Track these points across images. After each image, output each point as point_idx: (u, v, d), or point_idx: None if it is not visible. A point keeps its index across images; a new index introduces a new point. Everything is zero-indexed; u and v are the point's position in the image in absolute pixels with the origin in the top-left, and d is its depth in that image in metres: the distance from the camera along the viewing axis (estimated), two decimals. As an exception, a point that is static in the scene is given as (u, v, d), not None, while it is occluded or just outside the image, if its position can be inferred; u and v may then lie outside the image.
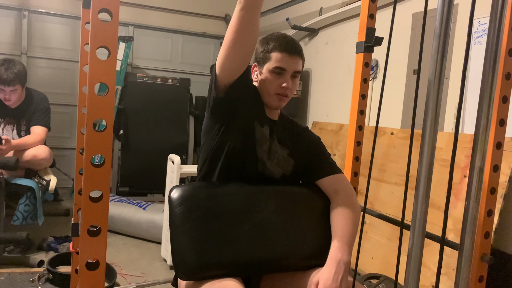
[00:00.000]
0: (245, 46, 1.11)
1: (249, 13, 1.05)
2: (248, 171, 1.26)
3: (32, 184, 2.58)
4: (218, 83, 1.17)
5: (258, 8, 1.07)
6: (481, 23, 2.19)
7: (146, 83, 4.27)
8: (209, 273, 1.12)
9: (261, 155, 1.26)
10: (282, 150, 1.31)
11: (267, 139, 1.28)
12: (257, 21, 1.09)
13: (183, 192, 1.18)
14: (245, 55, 1.13)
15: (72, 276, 1.52)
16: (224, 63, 1.13)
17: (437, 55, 0.61)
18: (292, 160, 1.33)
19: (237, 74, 1.15)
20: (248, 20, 1.06)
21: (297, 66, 1.29)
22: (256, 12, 1.07)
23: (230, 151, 1.22)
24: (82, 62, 1.42)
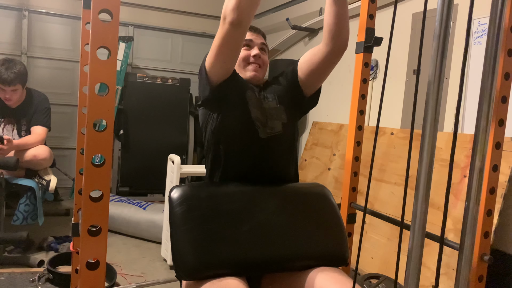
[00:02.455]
0: (237, 50, 1.20)
1: (241, 27, 1.13)
2: (252, 138, 1.28)
3: (32, 184, 2.58)
4: (210, 81, 1.25)
5: (251, 18, 1.15)
6: (481, 23, 2.19)
7: (146, 83, 4.27)
8: (210, 272, 1.12)
9: (256, 115, 1.30)
10: (272, 103, 1.37)
11: (257, 100, 1.33)
12: (247, 27, 1.17)
13: (183, 192, 1.18)
14: (235, 58, 1.22)
15: (72, 276, 1.53)
16: (217, 67, 1.22)
17: (437, 55, 0.61)
18: (281, 106, 1.37)
19: (229, 73, 1.24)
20: (240, 28, 1.13)
21: (261, 39, 1.42)
22: (249, 21, 1.15)
23: (231, 125, 1.28)
24: (82, 62, 1.42)
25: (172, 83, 4.36)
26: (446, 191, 0.67)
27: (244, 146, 1.29)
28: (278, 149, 1.33)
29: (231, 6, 1.10)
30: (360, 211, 1.58)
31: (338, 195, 2.87)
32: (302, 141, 3.95)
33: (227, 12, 1.12)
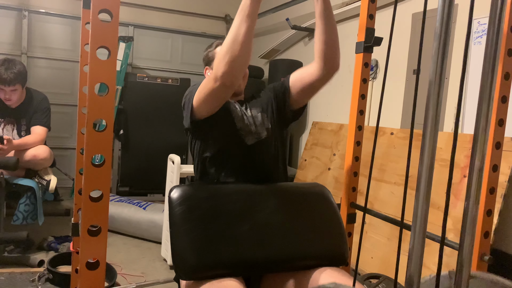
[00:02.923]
0: (225, 99, 1.27)
1: (235, 73, 1.16)
2: (239, 147, 1.34)
3: (32, 184, 2.58)
4: (194, 116, 1.31)
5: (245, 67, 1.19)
6: (481, 23, 2.19)
7: (146, 83, 4.27)
8: (209, 273, 1.12)
9: (241, 126, 1.36)
10: (254, 111, 1.42)
11: (239, 112, 1.39)
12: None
13: (183, 192, 1.18)
14: (223, 102, 1.28)
15: (72, 276, 1.53)
16: (205, 110, 1.28)
17: (438, 55, 0.61)
18: (264, 114, 1.42)
19: (217, 109, 1.29)
20: (236, 70, 1.16)
21: None
22: (243, 69, 1.19)
23: (217, 141, 1.34)
24: (82, 62, 1.42)
25: (172, 83, 4.36)
26: (446, 191, 0.67)
27: (232, 155, 1.34)
28: (266, 153, 1.37)
29: (223, 71, 1.14)
30: (360, 211, 1.58)
31: (338, 195, 2.87)
32: (302, 141, 3.95)
33: (218, 75, 1.15)
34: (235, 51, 1.11)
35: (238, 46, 1.11)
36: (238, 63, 1.13)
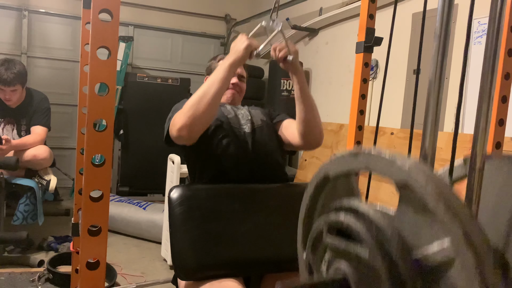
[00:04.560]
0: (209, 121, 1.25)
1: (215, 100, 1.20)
2: (237, 136, 1.35)
3: (32, 184, 2.58)
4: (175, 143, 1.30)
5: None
6: (481, 23, 2.19)
7: (146, 83, 4.27)
8: (209, 273, 1.12)
9: (232, 119, 1.38)
10: (250, 107, 1.50)
11: (232, 110, 1.43)
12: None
13: (183, 192, 1.18)
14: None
15: (72, 276, 1.52)
16: (188, 136, 1.24)
17: (438, 55, 0.61)
18: (258, 111, 1.49)
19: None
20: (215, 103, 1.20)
21: (242, 71, 1.51)
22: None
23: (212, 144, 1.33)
24: (82, 62, 1.42)
25: (172, 83, 4.36)
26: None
27: (230, 144, 1.33)
28: (265, 138, 1.39)
29: (183, 123, 1.17)
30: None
31: (338, 195, 2.86)
32: (302, 141, 3.95)
33: (177, 127, 1.18)
34: (199, 108, 1.16)
35: (203, 105, 1.16)
36: (199, 120, 1.17)
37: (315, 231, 0.58)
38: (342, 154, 0.54)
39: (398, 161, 0.45)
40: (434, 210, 0.41)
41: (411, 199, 0.46)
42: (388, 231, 0.46)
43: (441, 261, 0.42)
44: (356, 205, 0.52)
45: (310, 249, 0.60)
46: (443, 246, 0.42)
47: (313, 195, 0.63)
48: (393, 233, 0.46)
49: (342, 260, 0.52)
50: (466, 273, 0.39)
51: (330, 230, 0.54)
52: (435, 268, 0.43)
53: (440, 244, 0.42)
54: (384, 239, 0.46)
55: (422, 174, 0.42)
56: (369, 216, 0.49)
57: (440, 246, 0.42)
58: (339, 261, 0.52)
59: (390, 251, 0.45)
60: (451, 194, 0.41)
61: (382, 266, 0.45)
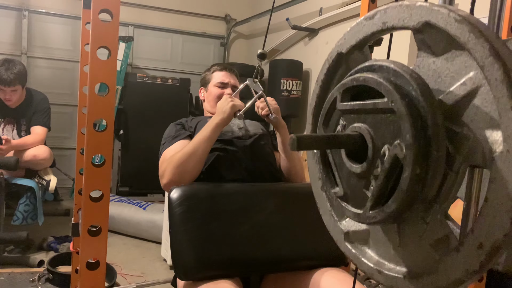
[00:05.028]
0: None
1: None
2: (233, 145, 1.38)
3: (32, 184, 2.58)
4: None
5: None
6: (481, 23, 2.19)
7: (146, 83, 4.27)
8: (209, 273, 1.12)
9: (227, 128, 1.42)
10: (248, 121, 1.54)
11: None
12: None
13: (183, 193, 1.18)
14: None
15: (72, 276, 1.52)
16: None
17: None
18: (257, 121, 1.55)
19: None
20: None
21: (235, 82, 1.57)
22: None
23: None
24: (82, 62, 1.42)
25: (172, 83, 4.36)
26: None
27: (227, 153, 1.36)
28: (260, 144, 1.44)
29: (170, 179, 1.25)
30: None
31: (338, 195, 2.86)
32: (302, 141, 3.94)
33: (164, 182, 1.27)
34: (187, 166, 1.22)
35: (191, 163, 1.22)
36: (185, 176, 1.24)
37: (328, 102, 0.53)
38: (355, 23, 0.52)
39: (417, 3, 0.44)
40: (458, 34, 0.39)
41: (432, 40, 0.44)
42: (407, 75, 0.44)
43: (464, 93, 0.41)
44: (371, 62, 0.49)
45: (322, 123, 0.55)
46: (467, 77, 0.40)
47: (324, 80, 0.58)
48: (412, 75, 0.44)
49: (357, 123, 0.49)
50: (494, 89, 0.37)
51: (344, 96, 0.50)
52: (458, 102, 0.42)
53: (464, 77, 0.41)
54: (404, 82, 0.44)
55: (444, 7, 0.41)
56: (386, 65, 0.47)
57: (464, 79, 0.41)
58: (354, 124, 0.49)
59: (410, 92, 0.43)
60: (475, 18, 0.40)
61: (400, 105, 0.42)
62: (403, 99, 0.42)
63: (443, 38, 0.42)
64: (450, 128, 0.42)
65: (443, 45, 0.43)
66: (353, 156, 0.50)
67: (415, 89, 0.42)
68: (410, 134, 0.41)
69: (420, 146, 0.41)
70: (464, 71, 0.41)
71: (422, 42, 0.46)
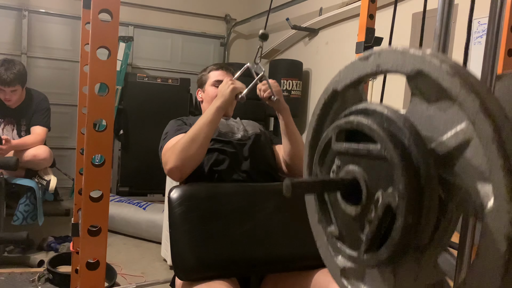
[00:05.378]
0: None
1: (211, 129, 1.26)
2: (228, 147, 1.37)
3: (32, 184, 2.58)
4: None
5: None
6: (481, 23, 2.19)
7: (146, 83, 4.27)
8: (209, 273, 1.12)
9: (225, 130, 1.42)
10: (245, 121, 1.53)
11: (225, 120, 1.46)
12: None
13: (183, 193, 1.18)
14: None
15: (72, 276, 1.52)
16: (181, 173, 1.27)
17: (437, 55, 0.61)
18: (254, 122, 1.54)
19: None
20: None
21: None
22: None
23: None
24: (82, 62, 1.42)
25: (172, 83, 4.36)
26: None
27: (223, 155, 1.35)
28: (259, 143, 1.42)
29: (174, 165, 1.22)
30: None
31: (338, 195, 2.86)
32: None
33: (167, 167, 1.24)
34: (190, 151, 1.21)
35: (194, 147, 1.21)
36: (189, 162, 1.22)
37: (323, 141, 0.55)
38: (350, 62, 0.53)
39: (410, 51, 0.44)
40: (450, 89, 0.40)
41: (425, 88, 0.44)
42: (400, 122, 0.44)
43: (456, 145, 0.41)
44: (365, 106, 0.50)
45: (317, 161, 0.56)
46: (458, 129, 0.41)
47: (320, 114, 0.59)
48: (405, 123, 0.44)
49: (352, 165, 0.50)
50: (484, 145, 0.37)
51: (339, 136, 0.52)
52: (450, 152, 0.42)
53: (455, 129, 0.41)
54: (396, 130, 0.44)
55: (436, 57, 0.42)
56: (380, 111, 0.47)
57: (455, 130, 0.41)
58: (349, 166, 0.50)
59: (403, 140, 0.43)
60: (466, 71, 0.40)
61: (395, 157, 0.42)
62: (396, 148, 0.43)
63: (436, 87, 0.42)
64: (443, 177, 0.43)
65: (435, 93, 0.43)
66: (348, 196, 0.51)
67: (408, 138, 0.43)
68: (403, 184, 0.41)
69: (413, 196, 0.41)
70: (456, 121, 0.42)
71: (416, 87, 0.46)
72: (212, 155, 1.33)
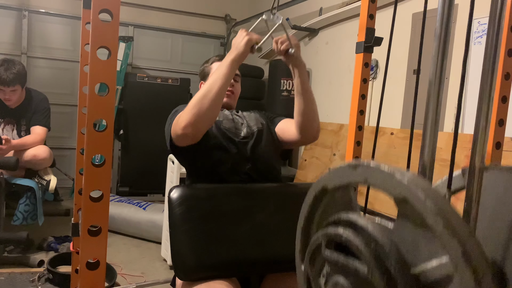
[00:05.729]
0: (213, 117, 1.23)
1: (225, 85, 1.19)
2: (231, 144, 1.33)
3: (32, 184, 2.58)
4: (176, 145, 1.27)
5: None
6: (481, 23, 2.19)
7: (146, 83, 4.27)
8: (209, 273, 1.12)
9: (229, 125, 1.37)
10: (247, 113, 1.49)
11: (230, 114, 1.42)
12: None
13: (183, 193, 1.18)
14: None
15: (72, 276, 1.52)
16: (182, 144, 1.24)
17: (438, 55, 0.61)
18: (256, 115, 1.49)
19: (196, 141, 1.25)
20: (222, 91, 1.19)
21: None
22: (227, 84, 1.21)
23: (207, 153, 1.32)
24: (82, 62, 1.42)
25: (172, 83, 4.36)
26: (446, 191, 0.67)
27: (225, 154, 1.32)
28: (261, 141, 1.38)
29: (188, 122, 1.16)
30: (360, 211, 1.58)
31: (338, 195, 2.86)
32: (302, 141, 3.95)
33: (182, 125, 1.17)
34: (204, 105, 1.15)
35: (207, 101, 1.15)
36: (203, 117, 1.16)
37: (313, 244, 0.58)
38: (340, 166, 0.54)
39: (397, 175, 0.45)
40: (433, 227, 0.41)
41: (410, 214, 0.46)
42: (387, 246, 0.46)
43: (439, 277, 0.42)
44: (355, 219, 0.52)
45: (308, 261, 0.60)
46: (442, 262, 0.42)
47: (311, 205, 0.63)
48: (391, 249, 0.46)
49: (341, 276, 0.52)
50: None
51: (329, 244, 0.54)
52: (434, 284, 0.43)
53: (439, 260, 0.42)
54: (383, 254, 0.46)
55: (421, 189, 0.42)
56: (368, 230, 0.49)
57: (439, 262, 0.42)
58: (338, 276, 0.52)
59: (389, 266, 0.45)
60: (450, 210, 0.41)
61: (380, 282, 0.44)
62: (382, 275, 0.44)
63: (420, 217, 0.43)
64: None
65: (420, 221, 0.44)
66: None
67: (394, 266, 0.45)
68: None
69: None
70: (440, 252, 0.42)
71: (403, 209, 0.47)
72: (214, 154, 1.31)
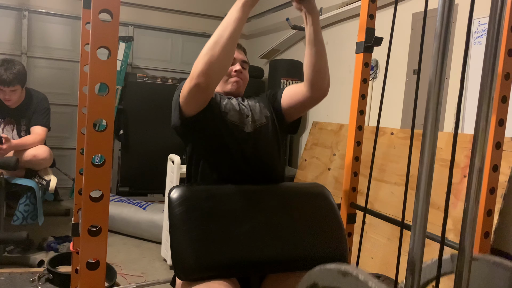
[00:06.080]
0: (206, 102, 1.23)
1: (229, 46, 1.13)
2: (238, 136, 1.31)
3: (32, 184, 2.58)
4: (183, 113, 1.26)
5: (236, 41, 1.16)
6: (481, 23, 2.19)
7: (146, 83, 4.27)
8: (209, 273, 1.12)
9: (237, 116, 1.34)
10: (253, 102, 1.43)
11: (237, 103, 1.38)
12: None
13: (183, 192, 1.18)
14: (207, 102, 1.24)
15: (72, 276, 1.53)
16: (191, 106, 1.23)
17: (438, 55, 0.61)
18: (262, 104, 1.44)
19: (205, 105, 1.24)
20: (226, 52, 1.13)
21: (243, 56, 1.46)
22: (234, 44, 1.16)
23: (213, 137, 1.30)
24: (82, 62, 1.42)
25: (172, 83, 4.36)
26: (446, 191, 0.67)
27: (231, 145, 1.30)
28: (265, 140, 1.35)
29: (200, 70, 1.12)
30: (360, 211, 1.58)
31: (338, 195, 2.86)
32: (302, 141, 3.95)
33: (194, 74, 1.13)
34: (215, 52, 1.10)
35: (219, 48, 1.10)
36: (216, 65, 1.11)
37: None
38: (331, 268, 0.56)
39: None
40: None
41: None
42: None
43: None
44: None
45: None
46: None
47: None
48: None
49: None
50: None
51: None
52: None
53: None
54: None
55: None
56: None
57: None
58: None
59: None
60: None
61: None
62: None
63: None
64: None
65: None
66: None
67: None
68: None
69: None
70: None
71: None
72: (216, 153, 1.31)
